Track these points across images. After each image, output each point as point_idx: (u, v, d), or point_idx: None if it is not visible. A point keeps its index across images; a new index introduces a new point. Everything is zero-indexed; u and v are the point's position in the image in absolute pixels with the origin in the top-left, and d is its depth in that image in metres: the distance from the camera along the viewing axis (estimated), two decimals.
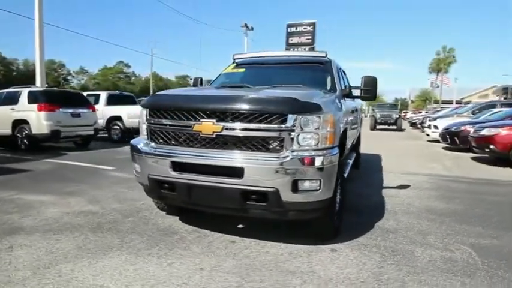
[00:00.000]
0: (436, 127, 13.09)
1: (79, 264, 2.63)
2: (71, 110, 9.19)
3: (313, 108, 2.68)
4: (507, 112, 10.41)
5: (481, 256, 2.91)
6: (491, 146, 7.53)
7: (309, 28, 50.60)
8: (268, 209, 2.71)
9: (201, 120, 2.76)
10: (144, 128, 3.16)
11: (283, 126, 2.63)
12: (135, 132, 11.57)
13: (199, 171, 2.78)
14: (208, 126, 2.73)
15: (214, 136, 2.74)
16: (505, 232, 3.50)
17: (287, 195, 2.62)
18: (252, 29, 33.43)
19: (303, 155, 2.63)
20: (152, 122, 3.04)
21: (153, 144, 3.06)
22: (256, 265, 2.68)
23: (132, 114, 11.05)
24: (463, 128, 10.06)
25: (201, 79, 4.71)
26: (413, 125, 26.14)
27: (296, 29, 51.70)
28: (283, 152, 2.65)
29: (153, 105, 3.05)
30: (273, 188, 2.61)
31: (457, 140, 10.16)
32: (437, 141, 12.66)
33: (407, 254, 2.94)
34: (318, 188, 2.67)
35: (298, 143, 2.66)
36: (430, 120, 14.95)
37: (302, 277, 2.50)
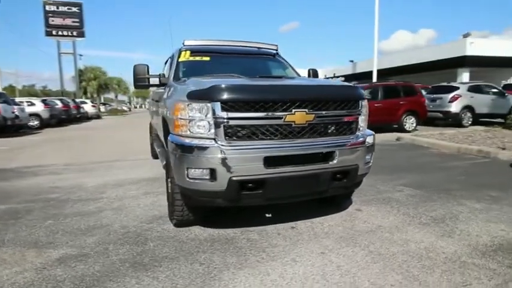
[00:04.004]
0: None
1: None
2: None
3: (363, 95, 3.24)
4: None
5: (418, 189, 4.46)
6: None
7: (74, 9, 43.80)
8: (346, 184, 3.09)
9: (294, 110, 2.72)
10: (206, 124, 2.64)
11: (359, 110, 3.06)
12: None
13: (295, 161, 2.76)
14: (301, 116, 2.75)
15: (306, 125, 2.79)
16: (407, 174, 5.34)
17: (362, 169, 3.12)
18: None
19: (367, 134, 3.19)
20: (231, 116, 2.61)
21: (226, 142, 2.64)
22: (345, 236, 3.04)
23: None
24: None
25: (148, 67, 3.97)
26: None
27: (57, 8, 43.49)
28: (357, 132, 3.09)
29: (231, 98, 2.60)
30: (356, 164, 3.03)
31: None
32: None
33: (393, 199, 4.08)
34: (370, 160, 3.31)
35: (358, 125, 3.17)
36: None
37: (383, 231, 3.12)
